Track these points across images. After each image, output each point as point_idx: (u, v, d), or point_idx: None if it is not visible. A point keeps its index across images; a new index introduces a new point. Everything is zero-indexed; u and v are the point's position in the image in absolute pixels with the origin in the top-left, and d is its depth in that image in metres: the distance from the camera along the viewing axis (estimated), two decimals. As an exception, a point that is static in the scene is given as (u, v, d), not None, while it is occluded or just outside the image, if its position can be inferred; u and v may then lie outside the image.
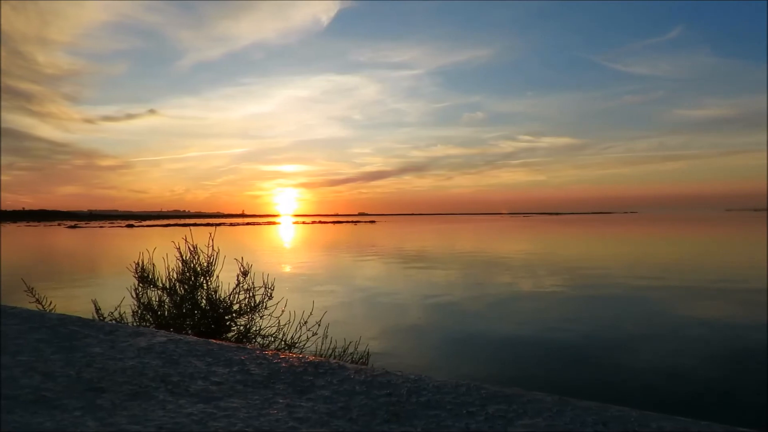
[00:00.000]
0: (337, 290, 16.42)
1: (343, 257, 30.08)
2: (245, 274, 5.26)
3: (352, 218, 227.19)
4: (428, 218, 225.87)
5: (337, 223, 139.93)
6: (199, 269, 5.31)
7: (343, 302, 14.07)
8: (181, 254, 5.30)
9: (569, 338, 9.82)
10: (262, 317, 5.23)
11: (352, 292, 16.22)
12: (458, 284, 18.11)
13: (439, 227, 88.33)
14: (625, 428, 1.11)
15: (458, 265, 24.95)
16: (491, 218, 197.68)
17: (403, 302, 14.25)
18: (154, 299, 5.23)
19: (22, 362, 1.58)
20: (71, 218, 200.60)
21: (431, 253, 32.58)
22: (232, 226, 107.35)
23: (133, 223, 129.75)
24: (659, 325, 10.96)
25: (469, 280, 19.34)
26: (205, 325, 5.14)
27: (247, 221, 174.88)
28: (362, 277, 20.76)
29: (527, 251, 33.26)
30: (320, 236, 63.37)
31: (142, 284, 5.29)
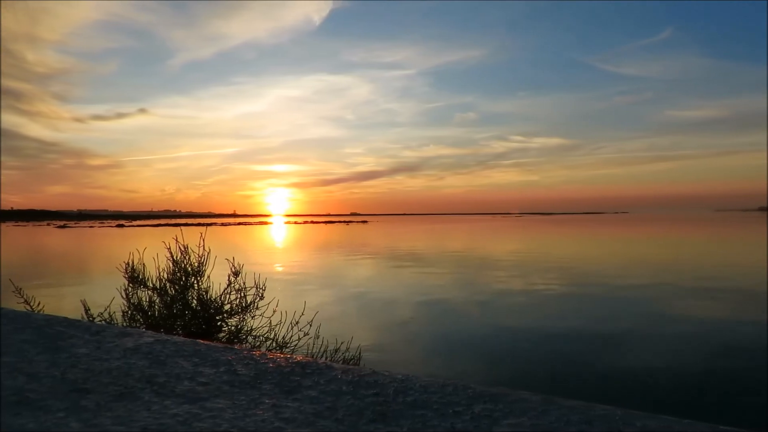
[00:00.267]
0: (328, 290, 16.40)
1: (334, 257, 30.05)
2: (236, 274, 5.24)
3: (344, 218, 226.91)
4: (420, 218, 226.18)
5: (329, 223, 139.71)
6: (189, 269, 5.28)
7: (334, 302, 14.06)
8: (171, 254, 5.28)
9: (559, 337, 9.87)
10: (253, 317, 5.21)
11: (343, 292, 16.21)
12: (449, 284, 18.14)
13: (431, 227, 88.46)
14: (609, 427, 1.11)
15: (449, 264, 25.00)
16: (485, 218, 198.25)
17: (394, 302, 14.26)
18: (144, 300, 5.20)
19: (6, 363, 1.57)
20: (61, 218, 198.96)
21: (423, 252, 32.61)
22: (223, 226, 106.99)
23: (123, 223, 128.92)
24: (648, 324, 11.04)
25: (460, 279, 19.38)
26: (195, 325, 5.12)
27: (238, 221, 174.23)
28: (354, 277, 20.75)
29: (518, 251, 33.37)
30: (312, 236, 63.27)
31: (132, 284, 5.25)
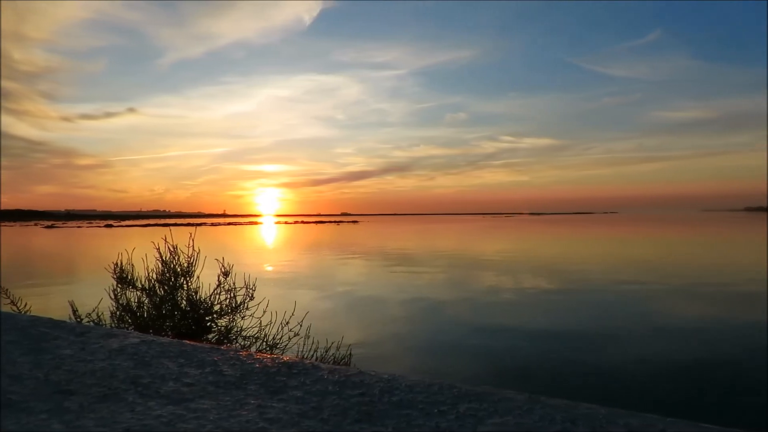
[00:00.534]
0: (319, 290, 16.37)
1: (325, 257, 30.00)
2: (226, 274, 5.21)
3: (334, 218, 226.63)
4: (411, 219, 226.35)
5: (319, 223, 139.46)
6: (179, 270, 5.24)
7: (325, 302, 14.04)
8: (160, 254, 5.24)
9: (546, 337, 9.92)
10: (243, 318, 5.18)
11: (334, 291, 16.19)
12: (438, 284, 18.18)
13: (422, 227, 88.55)
14: (593, 425, 1.12)
15: (439, 264, 25.05)
16: (476, 218, 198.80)
17: (384, 301, 14.27)
18: (133, 300, 5.16)
19: (-12, 365, 1.55)
20: (48, 218, 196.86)
21: (413, 253, 32.64)
22: (213, 226, 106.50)
23: (111, 223, 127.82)
24: (634, 323, 11.12)
25: (449, 279, 19.42)
26: (185, 326, 5.08)
27: (228, 221, 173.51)
28: (345, 277, 20.73)
29: (508, 251, 33.51)
30: (302, 236, 63.13)
31: (120, 285, 5.21)
